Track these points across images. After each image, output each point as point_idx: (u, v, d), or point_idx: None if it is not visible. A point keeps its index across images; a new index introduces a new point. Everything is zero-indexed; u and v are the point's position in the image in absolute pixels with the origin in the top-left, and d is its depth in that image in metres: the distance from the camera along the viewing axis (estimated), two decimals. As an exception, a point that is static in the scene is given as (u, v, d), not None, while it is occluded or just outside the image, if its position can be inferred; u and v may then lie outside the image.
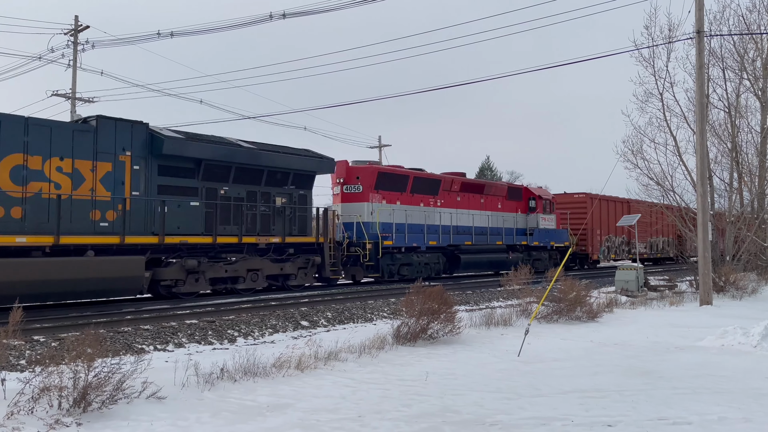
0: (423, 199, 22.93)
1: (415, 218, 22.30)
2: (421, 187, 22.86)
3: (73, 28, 28.31)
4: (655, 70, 20.74)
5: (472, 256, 24.13)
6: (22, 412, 5.36)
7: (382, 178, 21.38)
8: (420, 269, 21.90)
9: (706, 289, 15.98)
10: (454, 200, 24.37)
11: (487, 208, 25.79)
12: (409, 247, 21.80)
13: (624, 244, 33.76)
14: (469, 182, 25.66)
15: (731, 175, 23.06)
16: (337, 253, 19.05)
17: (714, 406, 6.31)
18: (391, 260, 21.08)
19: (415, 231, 22.10)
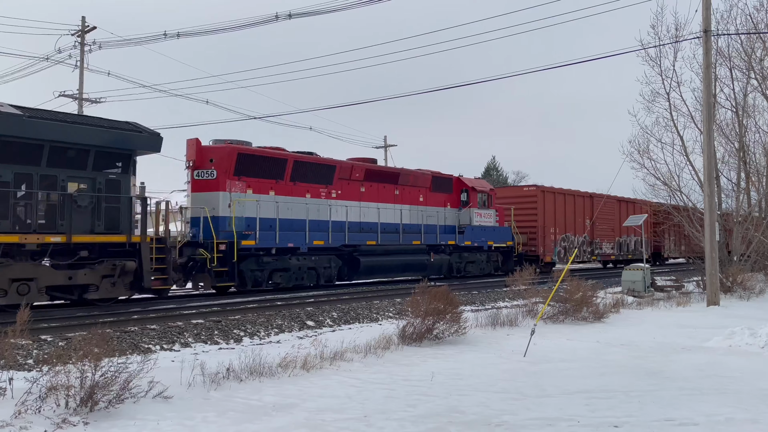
0: (310, 189, 18.67)
1: (296, 212, 17.93)
2: (306, 174, 18.56)
3: (80, 29, 28.43)
4: (662, 69, 20.68)
5: (378, 259, 20.10)
6: (30, 411, 5.39)
7: (245, 162, 16.96)
8: (301, 275, 17.76)
9: (713, 289, 15.91)
10: (356, 191, 20.12)
11: (404, 201, 21.59)
12: (286, 249, 17.52)
13: (586, 244, 30.09)
14: (377, 170, 21.43)
15: (739, 175, 22.95)
16: (168, 256, 14.47)
17: (721, 407, 6.28)
18: (257, 265, 16.71)
19: (293, 228, 17.82)
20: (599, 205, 30.06)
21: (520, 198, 27.48)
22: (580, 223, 29.49)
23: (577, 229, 29.25)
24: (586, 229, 29.88)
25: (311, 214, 18.32)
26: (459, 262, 23.34)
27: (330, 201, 19.13)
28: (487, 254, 24.66)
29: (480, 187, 24.97)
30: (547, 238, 27.35)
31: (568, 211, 28.89)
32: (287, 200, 17.82)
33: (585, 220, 29.79)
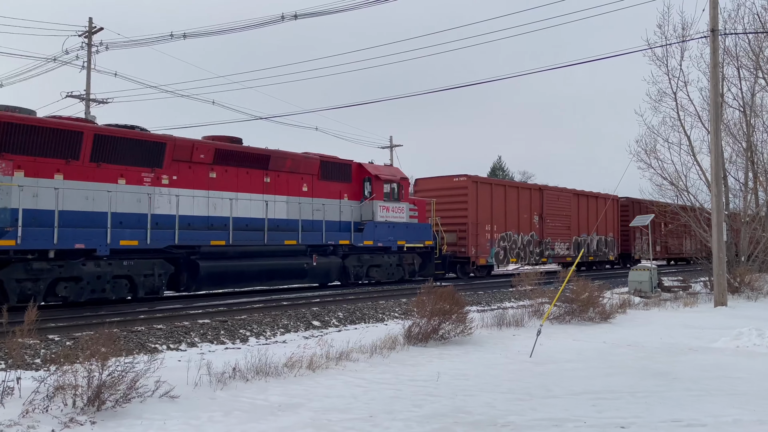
0: (126, 173, 14.30)
1: (98, 203, 13.60)
2: (118, 153, 14.19)
3: (87, 30, 28.55)
4: (669, 69, 20.60)
5: (228, 264, 15.90)
6: (38, 410, 5.41)
7: (13, 135, 12.61)
8: (101, 287, 13.50)
9: (720, 290, 15.83)
10: (201, 177, 15.78)
11: (278, 191, 17.38)
12: (75, 251, 13.17)
13: (533, 245, 26.19)
14: (234, 151, 16.57)
15: (746, 175, 22.81)
16: None
17: (728, 408, 6.25)
18: (26, 273, 12.44)
19: (91, 224, 13.46)
20: (553, 199, 27.13)
21: (449, 190, 23.29)
22: (526, 220, 25.80)
23: (522, 226, 25.55)
24: (534, 226, 26.19)
25: (121, 204, 14.01)
26: (358, 265, 19.35)
27: (155, 188, 14.78)
28: (398, 256, 20.58)
29: (387, 175, 20.56)
30: (481, 237, 23.40)
31: (510, 206, 25.03)
32: (82, 187, 13.47)
33: (533, 217, 26.35)
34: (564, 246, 28.23)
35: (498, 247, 24.33)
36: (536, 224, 26.49)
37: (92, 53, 28.52)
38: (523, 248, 25.77)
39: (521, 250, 25.67)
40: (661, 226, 27.47)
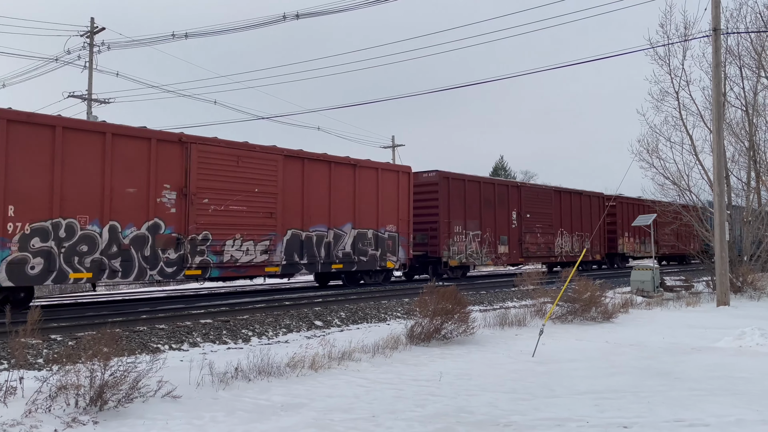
0: None
1: None
2: None
3: (89, 30, 28.59)
4: (671, 68, 20.50)
5: None
6: (40, 410, 5.42)
7: None
8: None
9: (723, 289, 15.81)
10: None
11: None
12: None
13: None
14: None
15: (749, 175, 22.75)
16: None
17: (731, 407, 6.24)
18: None
19: None
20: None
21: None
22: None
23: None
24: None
25: None
26: None
27: None
28: None
29: None
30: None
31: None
32: None
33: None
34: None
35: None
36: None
37: (94, 53, 28.56)
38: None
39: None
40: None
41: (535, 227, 26.19)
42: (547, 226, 26.92)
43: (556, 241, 27.42)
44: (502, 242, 24.38)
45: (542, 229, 26.68)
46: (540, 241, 26.46)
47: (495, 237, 24.14)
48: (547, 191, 27.58)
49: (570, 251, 28.00)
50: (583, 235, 29.01)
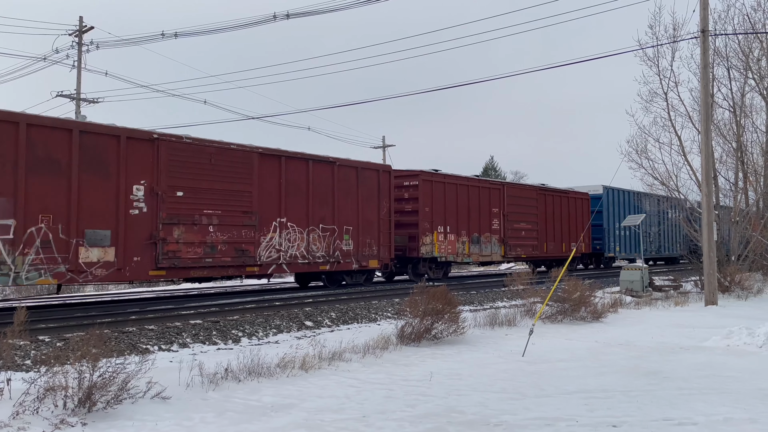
0: None
1: None
2: None
3: (78, 29, 28.39)
4: (660, 69, 20.68)
5: None
6: (28, 411, 5.37)
7: None
8: None
9: (711, 289, 15.93)
10: None
11: None
12: None
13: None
14: None
15: (736, 175, 22.98)
16: None
17: (720, 406, 6.29)
18: None
19: None
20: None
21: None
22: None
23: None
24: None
25: None
26: None
27: None
28: None
29: None
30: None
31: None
32: None
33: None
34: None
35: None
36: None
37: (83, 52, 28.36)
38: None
39: None
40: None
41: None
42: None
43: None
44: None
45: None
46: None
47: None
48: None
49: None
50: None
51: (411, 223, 21.31)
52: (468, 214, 23.11)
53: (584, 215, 29.78)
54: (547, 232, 27.30)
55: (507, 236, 24.67)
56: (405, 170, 21.87)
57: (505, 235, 24.67)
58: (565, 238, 28.44)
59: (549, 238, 27.39)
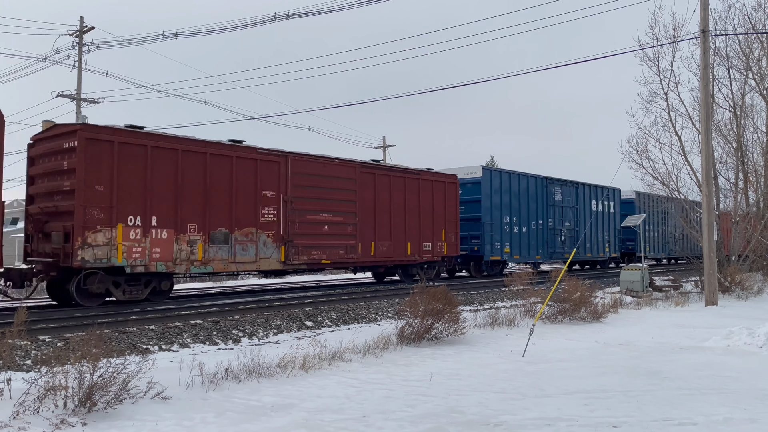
0: None
1: None
2: None
3: (78, 29, 28.41)
4: (660, 69, 20.67)
5: None
6: (28, 411, 5.38)
7: None
8: None
9: (711, 289, 15.93)
10: None
11: None
12: None
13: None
14: None
15: (737, 175, 22.99)
16: None
17: (720, 406, 6.29)
18: None
19: None
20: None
21: None
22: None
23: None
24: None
25: None
26: None
27: None
28: None
29: None
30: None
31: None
32: None
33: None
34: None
35: None
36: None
37: (83, 53, 28.38)
38: None
39: None
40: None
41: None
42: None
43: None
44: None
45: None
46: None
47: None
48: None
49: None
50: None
51: (66, 212, 13.11)
52: (205, 197, 14.89)
53: (451, 205, 22.07)
54: (378, 227, 19.15)
55: (291, 233, 16.68)
56: (62, 124, 14.20)
57: (287, 231, 16.63)
58: (413, 235, 20.43)
59: (381, 236, 19.24)
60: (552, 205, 27.46)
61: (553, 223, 27.58)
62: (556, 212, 27.74)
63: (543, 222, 26.94)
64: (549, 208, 27.29)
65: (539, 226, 26.67)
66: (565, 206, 28.52)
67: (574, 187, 29.22)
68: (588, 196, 30.13)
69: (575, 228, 28.91)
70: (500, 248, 24.37)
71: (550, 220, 27.33)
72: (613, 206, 32.22)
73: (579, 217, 29.23)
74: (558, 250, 27.65)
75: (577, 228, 28.94)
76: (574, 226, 28.93)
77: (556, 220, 27.72)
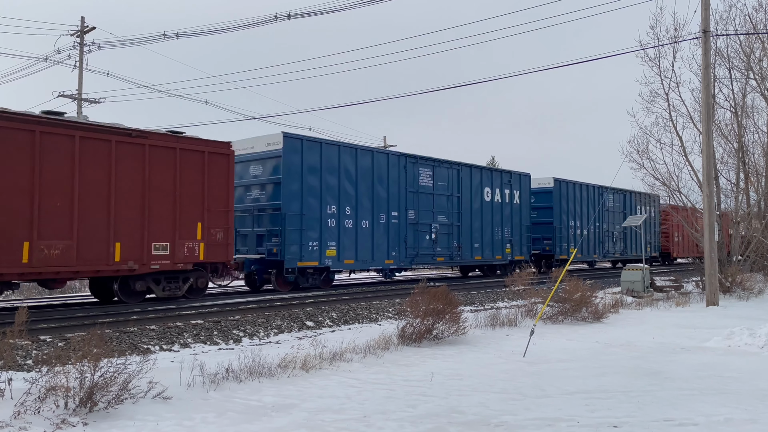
0: None
1: None
2: None
3: (80, 30, 28.43)
4: (661, 70, 20.66)
5: None
6: (29, 411, 5.38)
7: None
8: None
9: (712, 289, 15.92)
10: None
11: None
12: None
13: None
14: None
15: (737, 176, 22.98)
16: None
17: (720, 407, 6.29)
18: None
19: None
20: None
21: None
22: None
23: None
24: None
25: None
26: None
27: None
28: None
29: None
30: None
31: None
32: None
33: None
34: None
35: None
36: None
37: (84, 53, 28.39)
38: None
39: None
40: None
41: None
42: None
43: None
44: None
45: None
46: None
47: None
48: None
49: None
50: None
51: None
52: None
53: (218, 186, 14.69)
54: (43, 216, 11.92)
55: None
56: None
57: None
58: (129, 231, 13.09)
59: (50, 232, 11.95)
60: (416, 192, 20.69)
61: (417, 216, 20.63)
62: (421, 201, 20.89)
63: (400, 214, 20.13)
64: (413, 196, 20.62)
65: (391, 219, 19.82)
66: (438, 194, 21.56)
67: (456, 169, 22.35)
68: (478, 184, 23.28)
69: (455, 223, 22.13)
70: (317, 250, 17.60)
71: (411, 211, 20.56)
72: (519, 196, 25.45)
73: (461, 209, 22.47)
74: (424, 252, 21.04)
75: (459, 223, 22.30)
76: (454, 220, 22.18)
77: (421, 213, 20.86)
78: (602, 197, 29.39)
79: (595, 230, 29.69)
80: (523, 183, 25.88)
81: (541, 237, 27.57)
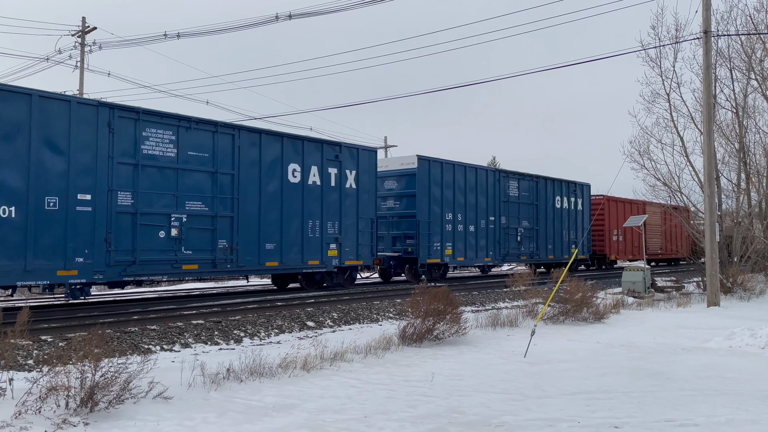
0: None
1: None
2: None
3: (81, 30, 28.45)
4: (662, 70, 20.64)
5: None
6: (30, 411, 5.38)
7: None
8: None
9: (713, 290, 15.91)
10: None
11: None
12: None
13: None
14: None
15: (739, 176, 22.95)
16: None
17: (721, 407, 6.28)
18: None
19: None
20: None
21: None
22: None
23: None
24: None
25: None
26: None
27: None
28: None
29: None
30: None
31: None
32: None
33: None
34: None
35: None
36: None
37: (85, 53, 28.42)
38: None
39: None
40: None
41: None
42: None
43: None
44: None
45: None
46: None
47: None
48: None
49: None
50: None
51: None
52: None
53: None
54: None
55: None
56: None
57: None
58: None
59: None
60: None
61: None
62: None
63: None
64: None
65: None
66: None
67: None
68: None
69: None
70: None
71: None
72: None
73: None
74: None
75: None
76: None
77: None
78: (499, 183, 23.67)
79: (487, 226, 23.26)
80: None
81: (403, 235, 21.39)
